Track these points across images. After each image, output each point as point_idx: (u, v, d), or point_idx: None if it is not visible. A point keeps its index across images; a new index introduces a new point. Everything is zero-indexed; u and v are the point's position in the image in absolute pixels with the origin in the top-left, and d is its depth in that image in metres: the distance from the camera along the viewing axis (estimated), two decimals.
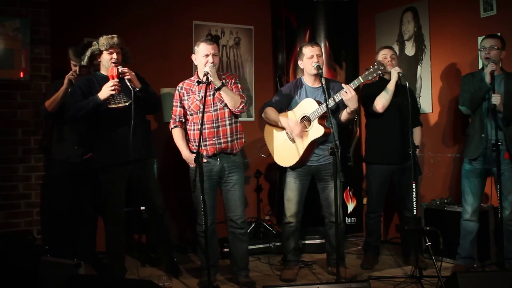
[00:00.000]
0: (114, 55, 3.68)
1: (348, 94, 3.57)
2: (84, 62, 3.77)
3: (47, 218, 4.15)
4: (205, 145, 3.64)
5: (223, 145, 3.66)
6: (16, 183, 4.14)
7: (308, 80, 3.93)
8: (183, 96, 3.73)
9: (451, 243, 4.02)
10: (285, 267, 4.04)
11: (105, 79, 3.67)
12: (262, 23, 5.54)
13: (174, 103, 3.77)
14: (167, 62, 4.93)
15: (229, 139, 3.67)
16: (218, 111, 3.66)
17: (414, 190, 3.72)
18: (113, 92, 3.58)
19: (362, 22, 5.43)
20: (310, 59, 3.81)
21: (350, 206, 5.21)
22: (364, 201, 5.11)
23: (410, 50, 4.99)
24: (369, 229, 4.32)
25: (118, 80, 3.60)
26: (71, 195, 4.05)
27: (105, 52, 3.69)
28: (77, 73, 3.93)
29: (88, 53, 3.72)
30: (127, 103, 3.70)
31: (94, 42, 3.72)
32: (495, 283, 2.91)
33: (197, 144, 3.60)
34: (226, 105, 3.66)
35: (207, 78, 3.50)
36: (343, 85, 3.64)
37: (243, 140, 3.81)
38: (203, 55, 3.62)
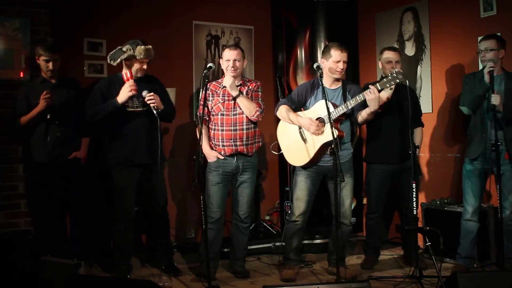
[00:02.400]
0: (145, 66, 3.87)
1: (371, 94, 3.63)
2: (114, 63, 3.86)
3: (37, 221, 4.06)
4: (223, 146, 3.89)
5: (239, 148, 3.88)
6: (16, 183, 4.13)
7: (326, 81, 3.90)
8: (209, 96, 3.90)
9: (451, 243, 4.02)
10: (286, 266, 4.04)
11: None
12: (262, 23, 5.53)
13: (200, 102, 3.86)
14: (167, 62, 4.92)
15: (244, 142, 3.89)
16: (237, 116, 3.89)
17: (414, 190, 3.72)
18: (132, 93, 3.76)
19: (362, 22, 5.42)
20: (336, 63, 3.79)
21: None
22: (364, 201, 5.10)
23: (410, 50, 4.98)
24: (369, 230, 4.31)
25: (133, 80, 3.78)
26: (58, 197, 3.97)
27: (137, 60, 3.83)
28: (50, 68, 3.81)
29: (123, 56, 3.81)
30: (144, 108, 3.87)
31: (129, 47, 3.80)
32: (495, 283, 2.92)
33: (215, 143, 3.89)
34: None
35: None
36: (370, 86, 3.68)
37: (260, 144, 4.03)
38: (225, 60, 3.87)
